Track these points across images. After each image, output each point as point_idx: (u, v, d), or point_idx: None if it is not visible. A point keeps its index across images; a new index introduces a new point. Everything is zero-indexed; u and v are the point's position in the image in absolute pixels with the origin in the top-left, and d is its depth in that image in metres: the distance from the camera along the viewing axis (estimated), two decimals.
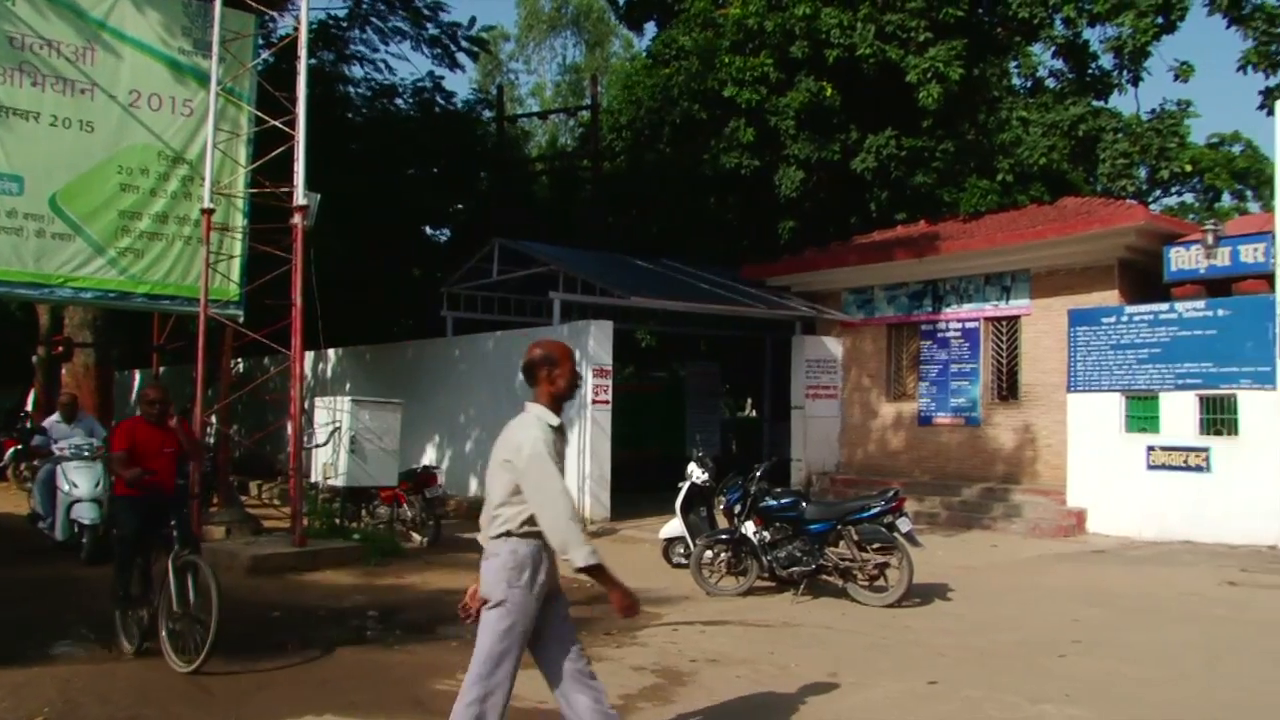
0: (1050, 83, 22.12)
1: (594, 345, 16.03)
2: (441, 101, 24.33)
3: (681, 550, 11.68)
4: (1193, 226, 16.18)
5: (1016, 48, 21.87)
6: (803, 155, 20.29)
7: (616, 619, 6.43)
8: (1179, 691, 6.90)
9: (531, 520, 4.43)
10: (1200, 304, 14.18)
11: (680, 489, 11.70)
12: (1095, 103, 20.35)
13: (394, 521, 14.06)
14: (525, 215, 25.44)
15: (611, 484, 16.13)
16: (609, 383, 16.11)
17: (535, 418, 4.56)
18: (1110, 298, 15.58)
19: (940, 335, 17.98)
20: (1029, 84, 23.02)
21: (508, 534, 4.48)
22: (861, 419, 19.22)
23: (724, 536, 10.61)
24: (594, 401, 15.86)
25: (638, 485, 17.73)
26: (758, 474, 10.66)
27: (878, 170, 20.07)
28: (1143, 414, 14.67)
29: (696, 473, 11.68)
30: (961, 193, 20.67)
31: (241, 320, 13.46)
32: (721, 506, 11.02)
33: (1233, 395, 13.74)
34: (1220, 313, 13.95)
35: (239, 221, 13.47)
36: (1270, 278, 13.56)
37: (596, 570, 4.37)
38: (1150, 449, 14.42)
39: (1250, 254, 13.99)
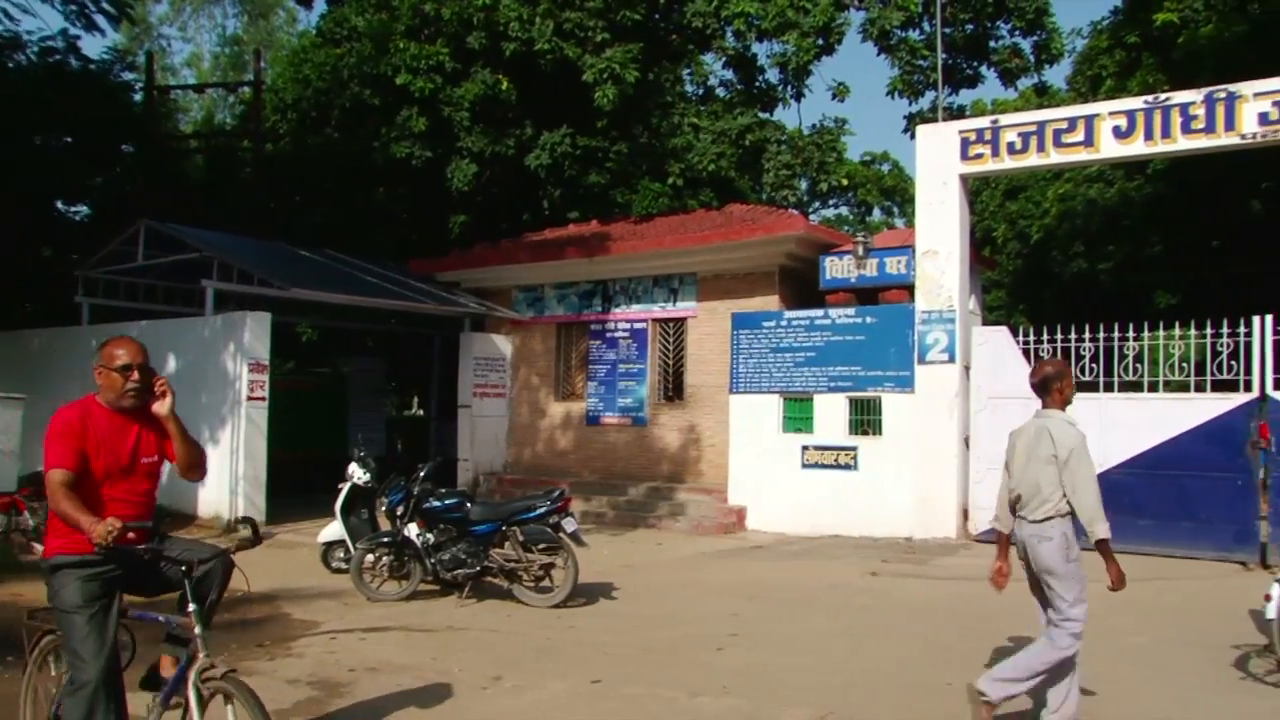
0: (721, 92, 22.91)
1: (250, 338, 14.95)
2: (77, 64, 21.88)
3: (342, 554, 11.10)
4: (846, 238, 17.11)
5: (690, 56, 22.51)
6: (476, 149, 19.93)
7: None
8: (826, 676, 7.15)
9: (1065, 502, 5.54)
10: (851, 311, 14.96)
11: (340, 490, 11.10)
12: (762, 114, 21.21)
13: (11, 531, 12.51)
14: (177, 195, 23.44)
15: (269, 485, 15.09)
16: (266, 378, 15.07)
17: (1066, 421, 5.71)
18: (771, 302, 16.18)
19: (609, 335, 18.10)
20: (701, 92, 23.81)
21: (1054, 516, 5.57)
22: (530, 418, 19.05)
23: (386, 539, 10.10)
24: (249, 398, 14.79)
25: (296, 486, 16.75)
26: (422, 474, 10.24)
27: (552, 168, 20.02)
28: (799, 415, 15.33)
29: (358, 473, 11.12)
30: (634, 194, 20.98)
31: None
32: (384, 508, 10.49)
33: (878, 398, 14.58)
34: (868, 320, 14.78)
35: None
36: (911, 289, 14.49)
37: (1107, 544, 5.46)
38: (805, 448, 15.08)
39: (895, 266, 14.88)
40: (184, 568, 4.41)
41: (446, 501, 10.07)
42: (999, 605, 9.80)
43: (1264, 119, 12.23)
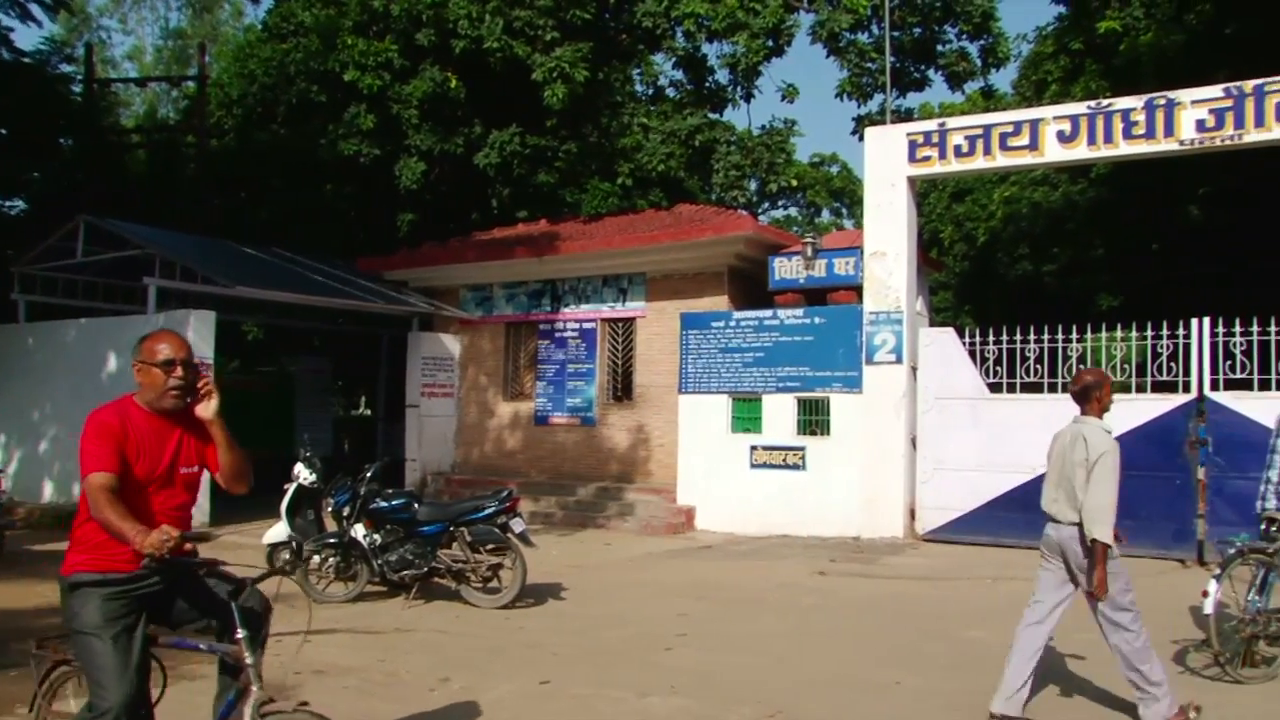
0: (670, 92, 22.93)
1: (193, 337, 14.65)
2: (9, 55, 21.38)
3: (287, 556, 10.89)
4: (795, 239, 17.18)
5: (640, 56, 22.50)
6: (425, 147, 19.80)
7: None
8: (774, 676, 7.18)
9: None
10: (799, 312, 15.03)
11: (286, 491, 10.94)
12: (711, 115, 21.27)
13: None
14: (118, 190, 23.01)
15: (212, 486, 14.78)
16: (210, 378, 14.77)
17: (1102, 428, 6.08)
18: (720, 303, 16.22)
19: (558, 335, 18.05)
20: (651, 92, 23.78)
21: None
22: (479, 418, 18.95)
23: (332, 540, 9.99)
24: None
25: None
26: (369, 474, 10.15)
27: (501, 166, 19.93)
28: (747, 415, 15.37)
29: (304, 473, 10.99)
30: (583, 194, 20.94)
31: None
32: (330, 509, 10.37)
33: (826, 398, 14.67)
34: (816, 321, 14.86)
35: None
36: (859, 289, 14.59)
37: (1104, 549, 5.86)
38: (754, 448, 15.12)
39: (843, 267, 14.98)
40: (231, 588, 4.09)
41: (394, 502, 9.99)
42: (946, 604, 9.93)
43: (1201, 126, 12.47)
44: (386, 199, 21.34)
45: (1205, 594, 7.16)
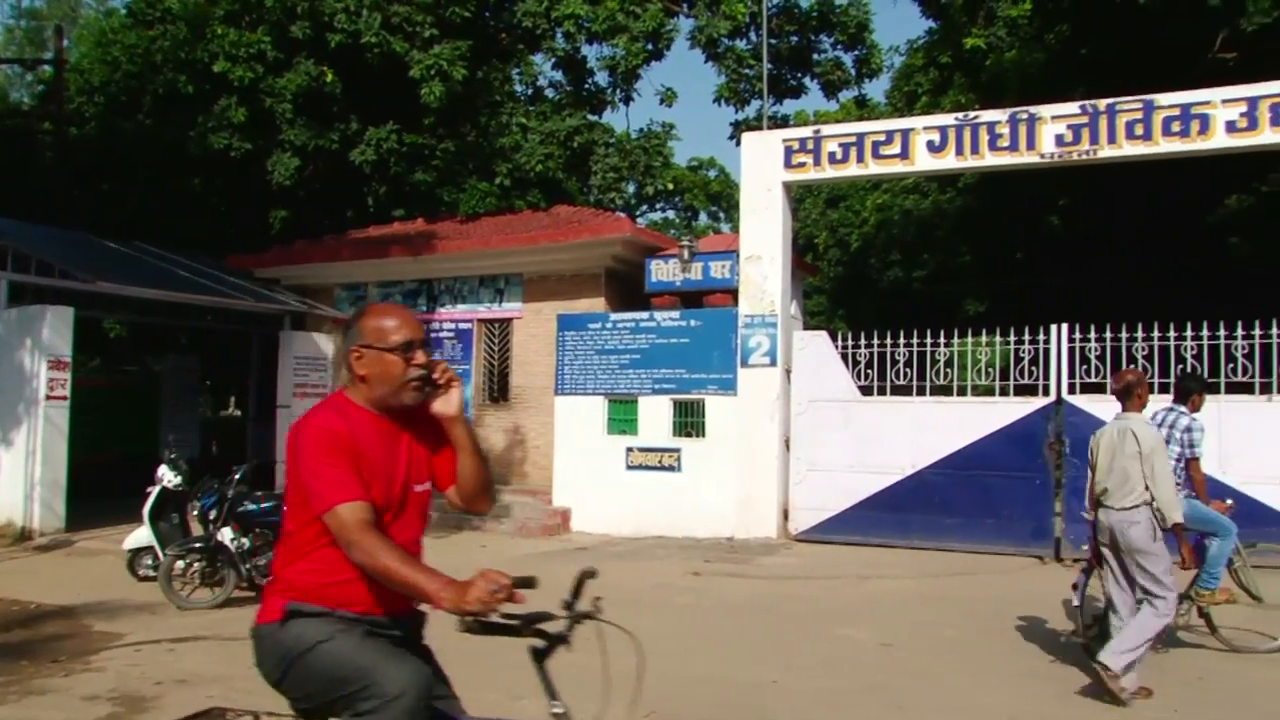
0: (550, 93, 22.89)
1: (50, 334, 14.13)
2: None
3: (150, 561, 10.55)
4: (672, 241, 17.29)
5: (519, 56, 22.40)
6: (299, 142, 19.37)
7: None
8: (649, 676, 7.12)
9: (1148, 491, 6.48)
10: (675, 314, 15.14)
11: (149, 494, 10.56)
12: (590, 117, 21.27)
13: None
14: None
15: (70, 490, 14.28)
16: (67, 376, 14.26)
17: (1145, 423, 6.80)
18: (597, 304, 16.23)
19: (434, 335, 17.82)
20: (530, 92, 23.66)
21: (1140, 504, 6.49)
22: None
23: (198, 545, 9.69)
24: (48, 398, 13.97)
25: (102, 491, 15.86)
26: (237, 477, 9.90)
27: (377, 164, 19.62)
28: (623, 417, 15.42)
29: (168, 476, 10.59)
30: (461, 193, 20.74)
31: None
32: (196, 512, 10.08)
33: (702, 400, 14.80)
34: (692, 323, 14.98)
35: None
36: (735, 293, 14.77)
37: (1181, 527, 6.60)
38: (630, 450, 15.18)
39: (719, 270, 15.14)
40: (544, 645, 3.28)
41: (263, 505, 9.77)
42: (819, 603, 10.12)
43: (1060, 140, 12.97)
44: (259, 195, 20.81)
45: (1075, 587, 7.52)
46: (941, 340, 13.51)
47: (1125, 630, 6.48)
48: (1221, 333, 12.13)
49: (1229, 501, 8.03)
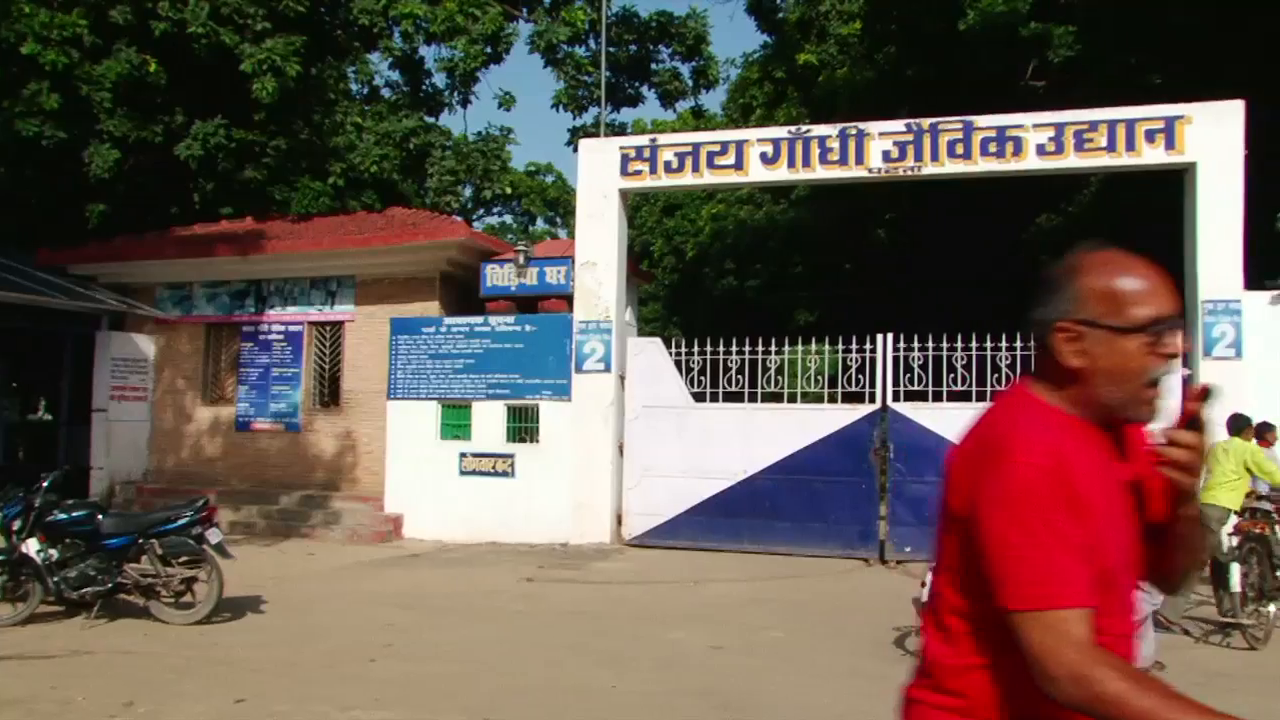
0: (386, 93, 22.54)
1: None
2: None
3: None
4: (508, 246, 17.23)
5: (356, 54, 21.93)
6: (120, 133, 18.49)
7: None
8: (482, 683, 7.22)
9: None
10: (511, 319, 15.11)
11: None
12: (427, 118, 21.02)
13: None
14: None
15: None
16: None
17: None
18: (432, 308, 16.05)
19: (263, 337, 17.33)
20: (366, 91, 23.18)
21: None
22: (175, 423, 17.90)
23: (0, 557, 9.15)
24: None
25: None
26: (46, 484, 9.38)
27: (205, 159, 18.88)
28: (457, 422, 15.30)
29: None
30: (294, 192, 20.19)
31: None
32: None
33: (536, 405, 14.80)
34: (527, 328, 14.98)
35: None
36: (570, 298, 14.82)
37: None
38: (463, 455, 15.06)
39: (554, 276, 15.17)
40: None
41: (74, 514, 9.29)
42: (651, 608, 10.24)
43: (886, 156, 13.49)
44: (74, 187, 19.77)
45: (924, 584, 7.82)
46: (773, 348, 13.85)
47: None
48: (1033, 344, 12.75)
49: None
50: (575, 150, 16.18)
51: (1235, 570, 8.60)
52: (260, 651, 8.12)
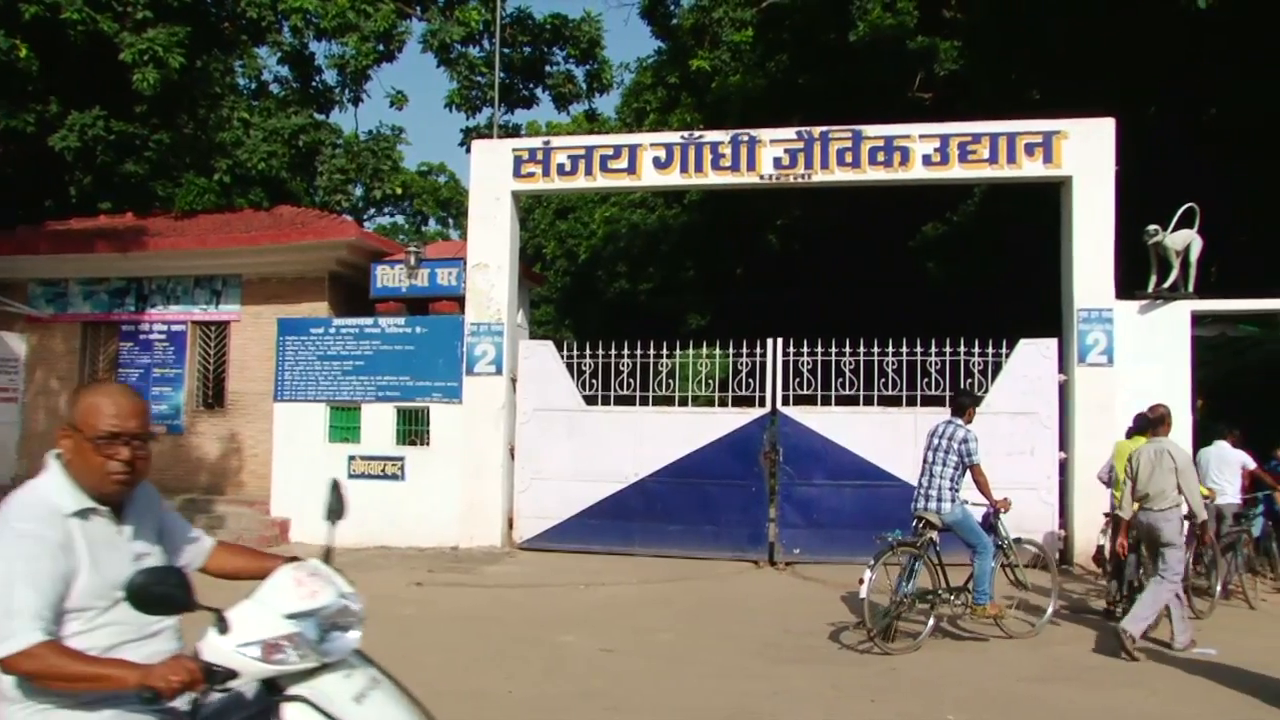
0: (275, 89, 22.06)
1: None
2: None
3: None
4: (399, 247, 17.04)
5: (243, 47, 21.43)
6: None
7: None
8: None
9: (1181, 495, 8.48)
10: (401, 321, 14.91)
11: None
12: (317, 116, 20.64)
13: None
14: None
15: None
16: None
17: (1177, 445, 8.87)
18: (320, 309, 15.78)
19: (143, 337, 16.82)
20: (253, 86, 22.68)
21: (1173, 507, 8.48)
22: (48, 426, 17.23)
23: None
24: None
25: None
26: None
27: (82, 151, 18.23)
28: (345, 424, 15.03)
29: None
30: (177, 188, 19.62)
31: None
32: None
33: (426, 408, 14.63)
34: (418, 330, 14.80)
35: None
36: (461, 300, 14.70)
37: (1207, 524, 9.16)
38: (352, 458, 14.80)
39: (446, 277, 15.02)
40: None
41: None
42: (541, 611, 10.20)
43: (777, 163, 13.68)
44: None
45: (861, 581, 8.01)
46: (665, 352, 13.91)
47: (1140, 602, 8.33)
48: (919, 350, 13.10)
49: (1005, 498, 8.91)
50: (468, 151, 16.05)
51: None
52: None
